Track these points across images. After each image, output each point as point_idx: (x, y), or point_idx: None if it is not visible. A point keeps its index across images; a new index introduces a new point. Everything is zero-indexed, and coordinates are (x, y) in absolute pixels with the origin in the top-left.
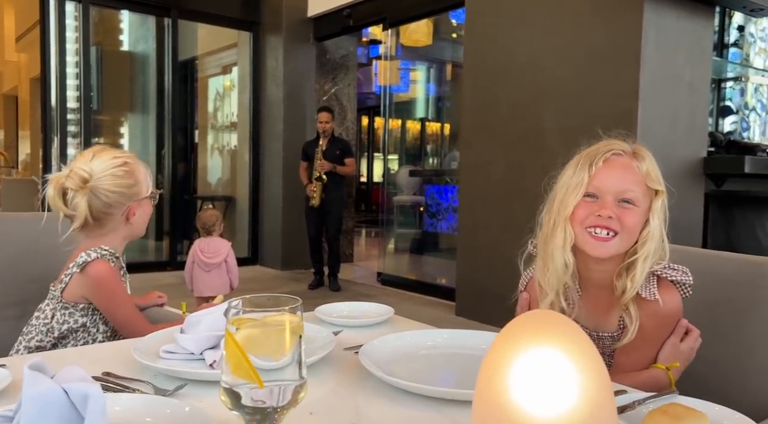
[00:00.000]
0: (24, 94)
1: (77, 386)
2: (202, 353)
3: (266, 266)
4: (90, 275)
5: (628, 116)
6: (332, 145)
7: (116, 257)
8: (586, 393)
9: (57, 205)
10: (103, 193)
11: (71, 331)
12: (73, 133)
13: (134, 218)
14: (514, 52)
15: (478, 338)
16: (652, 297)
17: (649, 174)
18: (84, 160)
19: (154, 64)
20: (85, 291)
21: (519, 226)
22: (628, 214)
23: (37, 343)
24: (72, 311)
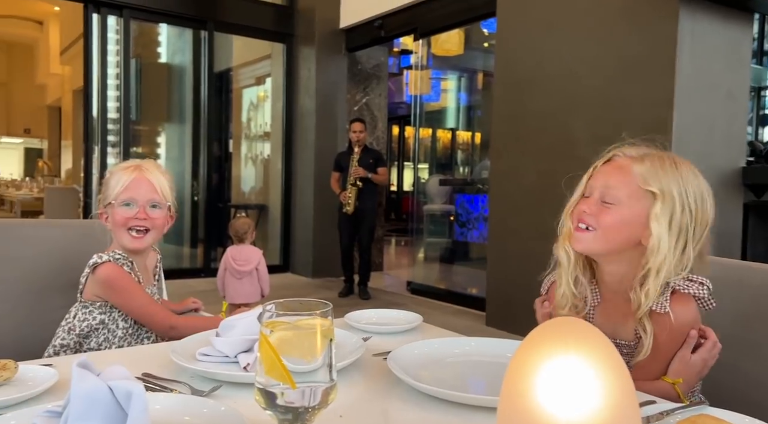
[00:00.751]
0: (67, 106)
1: (121, 383)
2: (236, 356)
3: (297, 274)
4: (98, 277)
5: (663, 125)
6: (365, 154)
7: (131, 262)
8: (610, 400)
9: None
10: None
11: (91, 329)
12: (112, 142)
13: (109, 224)
14: (545, 62)
15: (505, 346)
16: (663, 310)
17: (643, 176)
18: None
19: (190, 76)
20: (97, 291)
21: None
22: (605, 212)
23: (60, 341)
24: (90, 309)
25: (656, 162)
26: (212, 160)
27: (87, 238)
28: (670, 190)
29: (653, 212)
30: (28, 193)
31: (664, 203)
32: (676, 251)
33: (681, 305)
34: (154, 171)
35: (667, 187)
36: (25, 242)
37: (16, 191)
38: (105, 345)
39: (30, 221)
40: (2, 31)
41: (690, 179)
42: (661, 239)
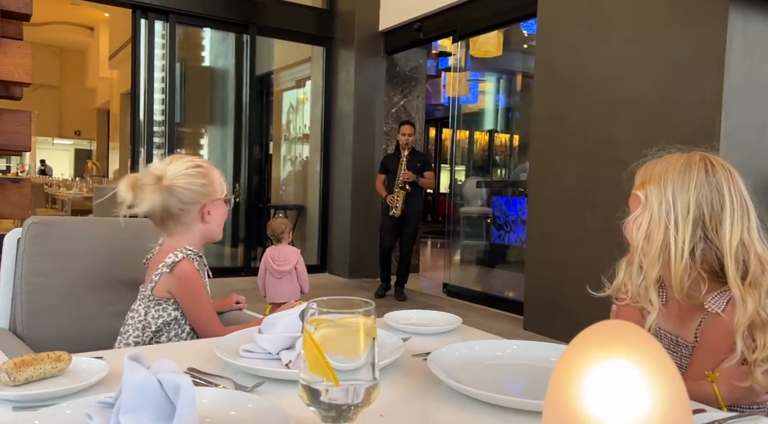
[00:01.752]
0: (115, 109)
1: (170, 376)
2: (278, 353)
3: (334, 274)
4: (176, 274)
5: (710, 128)
6: (413, 158)
7: (199, 256)
8: (661, 407)
9: (124, 195)
10: (178, 191)
11: (165, 324)
12: (157, 144)
13: (209, 217)
14: (587, 62)
15: (547, 350)
16: (713, 311)
17: (636, 180)
18: (158, 164)
19: (233, 79)
20: (171, 288)
21: (590, 239)
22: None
23: (134, 339)
24: (165, 306)
25: (645, 164)
26: (253, 162)
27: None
28: (648, 188)
29: (637, 211)
30: (78, 192)
31: (644, 201)
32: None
33: (733, 309)
34: None
35: (646, 186)
36: (76, 239)
37: (67, 191)
38: (175, 340)
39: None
40: (56, 37)
41: (670, 175)
42: (640, 227)
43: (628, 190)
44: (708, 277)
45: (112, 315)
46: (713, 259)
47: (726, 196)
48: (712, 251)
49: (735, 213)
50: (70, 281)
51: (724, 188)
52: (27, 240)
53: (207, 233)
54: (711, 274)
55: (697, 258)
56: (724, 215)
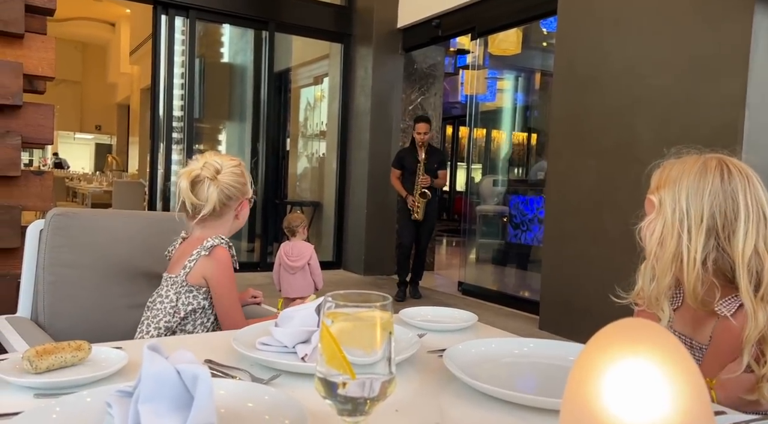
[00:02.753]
0: (135, 104)
1: (188, 367)
2: (294, 347)
3: (349, 271)
4: (214, 257)
5: (732, 127)
6: (431, 157)
7: (230, 246)
8: (681, 406)
9: (188, 196)
10: (225, 187)
11: (192, 311)
12: (176, 139)
13: (242, 213)
14: (607, 59)
15: (564, 349)
16: (722, 314)
17: (650, 188)
18: (208, 157)
19: (251, 75)
20: (206, 272)
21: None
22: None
23: (165, 323)
24: (195, 294)
25: (658, 168)
26: (270, 158)
27: (155, 228)
28: (660, 193)
29: (650, 216)
30: (98, 186)
31: (658, 205)
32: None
33: (744, 316)
34: None
35: (660, 190)
36: (97, 231)
37: (88, 185)
38: (199, 329)
39: (103, 211)
40: (78, 32)
41: (692, 180)
42: (654, 232)
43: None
44: (721, 283)
45: (131, 307)
46: (727, 268)
47: (741, 205)
48: (725, 261)
49: (750, 222)
50: (91, 272)
51: (740, 196)
52: (49, 231)
53: (234, 228)
54: (725, 281)
55: (710, 267)
56: (738, 224)
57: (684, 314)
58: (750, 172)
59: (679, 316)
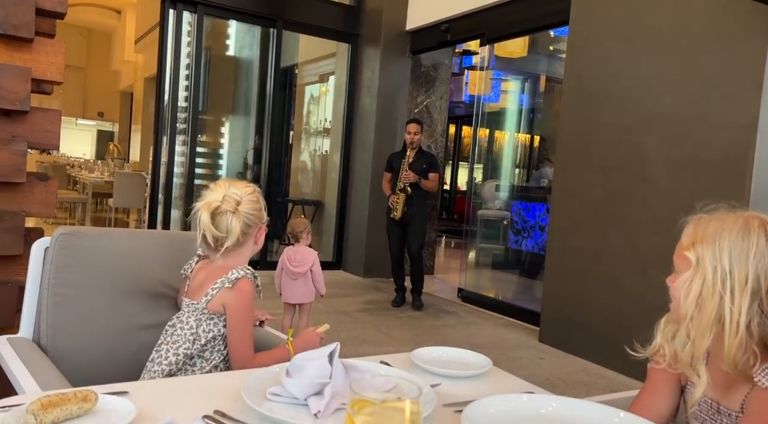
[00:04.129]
0: (138, 92)
1: None
2: (306, 399)
3: (349, 272)
4: (237, 288)
5: (743, 150)
6: (419, 158)
7: (255, 276)
8: None
9: (209, 229)
10: (245, 216)
11: (212, 339)
12: (180, 130)
13: (261, 239)
14: (619, 75)
15: (588, 410)
16: (765, 385)
17: (683, 242)
18: (226, 188)
19: (257, 71)
20: (226, 301)
21: (613, 256)
22: (672, 279)
23: (184, 350)
24: (216, 321)
25: (695, 225)
26: (273, 154)
27: (163, 249)
28: (701, 252)
29: (688, 275)
30: (99, 176)
31: (697, 266)
32: (710, 304)
33: None
34: None
35: (698, 248)
36: (104, 251)
37: (89, 174)
38: (217, 355)
39: (110, 230)
40: (83, 18)
41: (723, 236)
42: (690, 293)
43: (657, 209)
44: (760, 350)
45: (139, 328)
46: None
47: None
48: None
49: None
50: (97, 293)
51: None
52: (55, 251)
53: (253, 253)
54: (763, 348)
55: (754, 333)
56: None
57: (711, 377)
58: None
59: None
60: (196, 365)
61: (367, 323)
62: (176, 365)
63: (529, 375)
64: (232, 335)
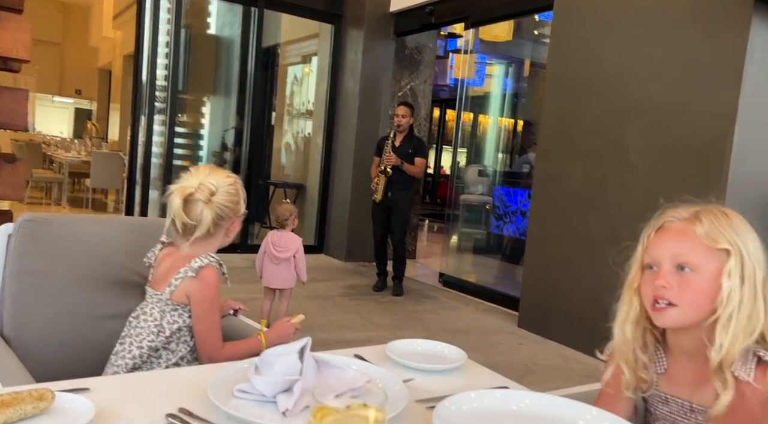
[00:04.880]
0: (117, 70)
1: None
2: (274, 397)
3: (331, 256)
4: (201, 278)
5: (722, 139)
6: (407, 142)
7: (220, 264)
8: None
9: (179, 215)
10: (218, 207)
11: (178, 330)
12: (159, 109)
13: (233, 232)
14: (602, 62)
15: (561, 406)
16: (747, 376)
17: (708, 235)
18: (204, 175)
19: (238, 50)
20: (190, 291)
21: (593, 242)
22: (687, 280)
23: (148, 343)
24: (181, 312)
25: (711, 218)
26: (255, 135)
27: (130, 236)
28: (736, 243)
29: (726, 269)
30: (76, 155)
31: (735, 258)
32: (747, 301)
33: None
34: None
35: (732, 240)
36: (70, 238)
37: (65, 153)
38: (183, 346)
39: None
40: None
41: (743, 226)
42: (731, 291)
43: (636, 197)
44: None
45: (107, 317)
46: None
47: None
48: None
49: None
50: (63, 281)
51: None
52: (18, 238)
53: (223, 244)
54: None
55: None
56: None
57: (676, 375)
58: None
59: (668, 379)
60: (161, 357)
61: (348, 308)
62: (140, 358)
63: (507, 360)
64: (198, 325)
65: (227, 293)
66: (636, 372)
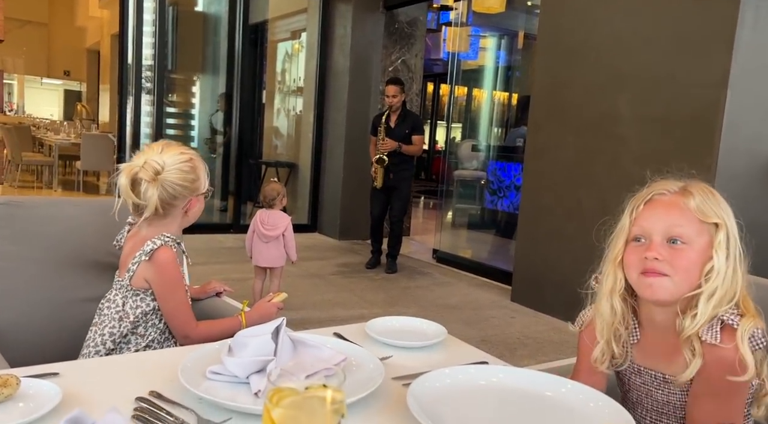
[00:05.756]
0: (105, 50)
1: None
2: (247, 378)
3: (325, 235)
4: (155, 261)
5: (714, 107)
6: (403, 121)
7: (178, 243)
8: None
9: (128, 194)
10: (170, 186)
11: (143, 314)
12: (147, 89)
13: (192, 211)
14: (592, 31)
15: (536, 379)
16: (714, 340)
17: (700, 209)
18: (155, 153)
19: (225, 26)
20: (148, 275)
21: (584, 215)
22: (680, 253)
23: (110, 330)
24: (143, 297)
25: (701, 192)
26: (245, 114)
27: (106, 218)
28: (723, 218)
29: (716, 242)
30: (65, 138)
31: (723, 232)
32: (729, 275)
33: (733, 341)
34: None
35: (720, 215)
36: (44, 220)
37: (54, 136)
38: (151, 330)
39: (50, 199)
40: None
41: (725, 205)
42: (720, 266)
43: (627, 168)
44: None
45: (84, 300)
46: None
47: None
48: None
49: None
50: (38, 265)
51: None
52: None
53: (184, 224)
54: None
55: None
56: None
57: (649, 347)
58: None
59: (641, 351)
60: (130, 342)
61: (341, 285)
62: (103, 345)
63: (499, 334)
64: (164, 307)
65: (219, 273)
66: (613, 345)
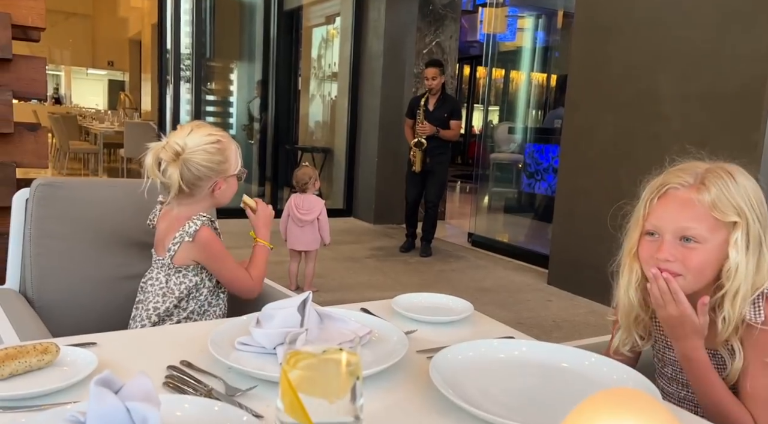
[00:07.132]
0: (146, 39)
1: (139, 407)
2: (274, 348)
3: (360, 219)
4: (199, 242)
5: (758, 83)
6: (442, 105)
7: (211, 221)
8: None
9: (153, 173)
10: (193, 166)
11: (187, 289)
12: (186, 78)
13: (219, 191)
14: (632, 6)
15: (559, 354)
16: (758, 319)
17: (715, 206)
18: (181, 135)
19: (261, 13)
20: (195, 256)
21: (623, 196)
22: (692, 253)
23: (154, 305)
24: (185, 273)
25: (718, 182)
26: (281, 100)
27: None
28: (742, 209)
29: (733, 239)
30: (109, 126)
31: (742, 228)
32: (752, 265)
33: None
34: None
35: (739, 207)
36: (84, 200)
37: (99, 124)
38: (192, 303)
39: (87, 179)
40: None
41: (747, 185)
42: (737, 264)
43: (669, 148)
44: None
45: (124, 277)
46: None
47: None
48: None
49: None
50: (80, 244)
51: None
52: (34, 202)
53: (216, 204)
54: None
55: None
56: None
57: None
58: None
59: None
60: (173, 315)
61: (376, 268)
62: (149, 320)
63: (534, 317)
64: (221, 277)
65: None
66: (633, 333)
